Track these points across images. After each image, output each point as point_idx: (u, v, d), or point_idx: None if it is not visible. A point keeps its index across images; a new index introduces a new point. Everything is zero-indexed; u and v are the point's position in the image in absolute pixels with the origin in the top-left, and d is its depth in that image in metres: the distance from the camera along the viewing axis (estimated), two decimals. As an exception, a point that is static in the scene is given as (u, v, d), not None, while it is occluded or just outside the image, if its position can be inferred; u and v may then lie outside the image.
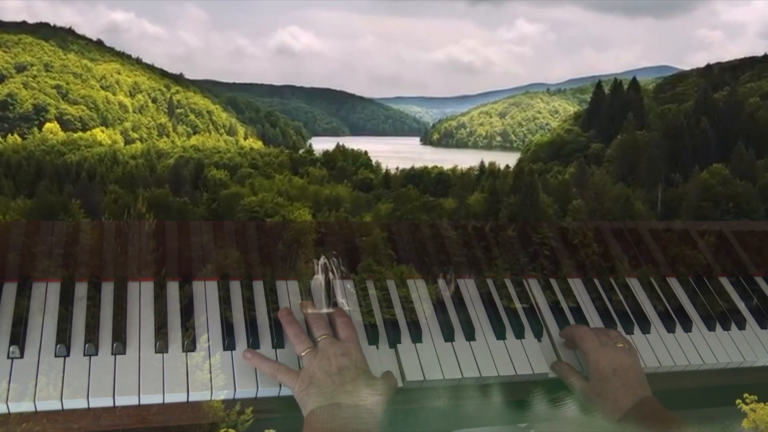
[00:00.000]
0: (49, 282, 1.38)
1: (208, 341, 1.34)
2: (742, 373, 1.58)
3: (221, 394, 1.27)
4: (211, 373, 1.28)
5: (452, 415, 1.43)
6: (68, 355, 1.26)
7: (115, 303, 1.36)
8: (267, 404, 1.31)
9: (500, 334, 1.48)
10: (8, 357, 1.24)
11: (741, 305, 1.70)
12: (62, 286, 1.37)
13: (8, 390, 1.19)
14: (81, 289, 1.38)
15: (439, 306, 1.51)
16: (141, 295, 1.40)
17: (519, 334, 1.49)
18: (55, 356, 1.26)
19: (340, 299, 1.47)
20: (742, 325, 1.63)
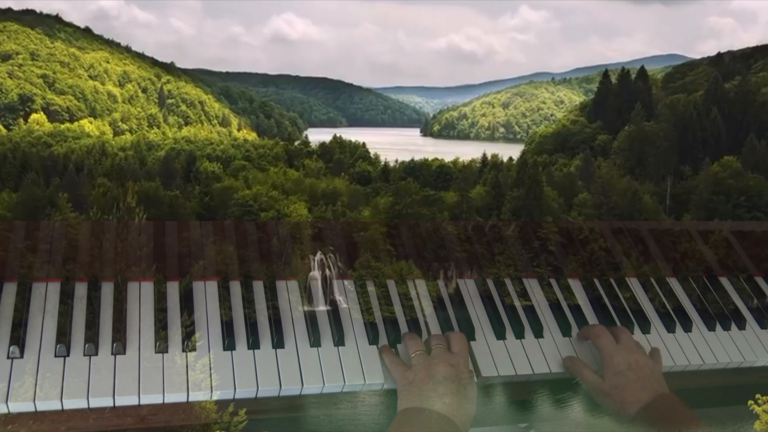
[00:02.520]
0: (49, 282, 1.39)
1: (208, 341, 1.34)
2: (742, 373, 1.58)
3: (221, 394, 1.27)
4: (211, 373, 1.28)
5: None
6: (68, 355, 1.27)
7: (114, 303, 1.37)
8: (261, 405, 1.31)
9: (500, 334, 1.48)
10: (8, 357, 1.24)
11: (741, 305, 1.69)
12: (62, 286, 1.38)
13: (8, 390, 1.19)
14: (81, 289, 1.38)
15: (438, 305, 1.51)
16: (141, 295, 1.40)
17: (519, 334, 1.49)
18: (55, 356, 1.26)
19: (339, 297, 1.47)
20: (742, 325, 1.63)
